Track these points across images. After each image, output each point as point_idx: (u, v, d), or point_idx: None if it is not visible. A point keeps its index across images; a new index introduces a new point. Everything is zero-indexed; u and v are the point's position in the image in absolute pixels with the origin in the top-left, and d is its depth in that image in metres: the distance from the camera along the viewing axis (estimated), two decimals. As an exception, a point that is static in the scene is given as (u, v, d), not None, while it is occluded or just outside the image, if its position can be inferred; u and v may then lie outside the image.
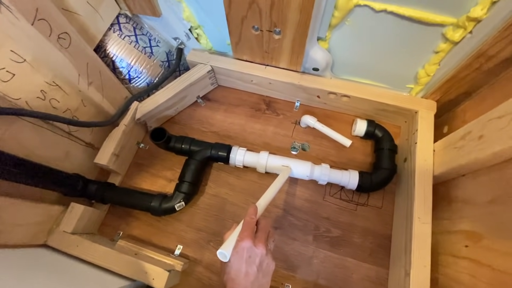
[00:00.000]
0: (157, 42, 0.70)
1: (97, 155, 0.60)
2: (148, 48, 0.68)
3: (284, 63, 0.65)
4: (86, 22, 0.54)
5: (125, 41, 0.65)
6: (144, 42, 0.68)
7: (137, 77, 0.68)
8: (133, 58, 0.66)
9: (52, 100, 0.50)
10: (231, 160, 0.62)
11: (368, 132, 0.65)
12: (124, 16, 0.65)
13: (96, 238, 0.58)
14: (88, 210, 0.57)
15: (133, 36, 0.66)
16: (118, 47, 0.64)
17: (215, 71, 0.70)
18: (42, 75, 0.47)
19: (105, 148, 0.61)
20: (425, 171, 0.55)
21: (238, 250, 0.37)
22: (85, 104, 0.58)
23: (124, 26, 0.65)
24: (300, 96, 0.70)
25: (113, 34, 0.63)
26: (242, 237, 0.38)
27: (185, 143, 0.63)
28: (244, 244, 0.37)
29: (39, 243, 0.52)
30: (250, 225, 0.40)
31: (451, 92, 0.58)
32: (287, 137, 0.69)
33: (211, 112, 0.73)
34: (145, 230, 0.62)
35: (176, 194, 0.59)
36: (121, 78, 0.67)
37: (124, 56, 0.65)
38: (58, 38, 0.45)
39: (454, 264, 0.47)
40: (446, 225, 0.52)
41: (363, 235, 0.59)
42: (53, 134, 0.53)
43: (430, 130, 0.59)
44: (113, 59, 0.65)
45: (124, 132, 0.62)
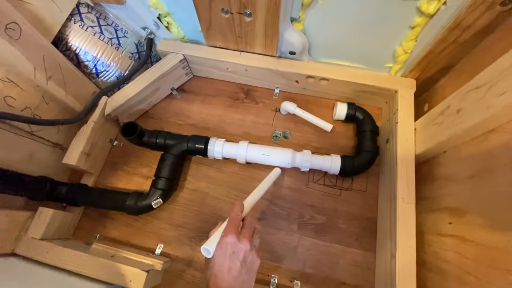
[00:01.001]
0: (124, 32, 0.66)
1: (65, 155, 0.57)
2: (114, 39, 0.64)
3: (259, 48, 0.62)
4: (39, 11, 0.50)
5: (88, 32, 0.61)
6: (110, 33, 0.64)
7: (105, 70, 0.64)
8: (98, 50, 0.62)
9: (7, 97, 0.46)
10: (209, 152, 0.59)
11: (349, 115, 0.63)
12: (85, 5, 0.61)
13: (69, 243, 0.55)
14: (59, 214, 0.54)
15: (97, 27, 0.62)
16: (80, 39, 0.60)
17: (188, 60, 0.67)
18: (-8, 70, 0.43)
19: (74, 147, 0.57)
20: (406, 150, 0.54)
21: (221, 246, 0.37)
22: (47, 101, 0.54)
23: (86, 16, 0.60)
24: (279, 82, 0.68)
25: (74, 25, 0.59)
26: (227, 232, 0.37)
27: (159, 137, 0.60)
28: (228, 240, 0.37)
29: (6, 252, 0.49)
30: (235, 221, 0.39)
31: (430, 69, 0.57)
32: (267, 125, 0.67)
33: (187, 104, 0.70)
34: (123, 231, 0.59)
35: (152, 191, 0.56)
36: (88, 72, 0.63)
37: (88, 48, 0.61)
38: (5, 29, 0.41)
39: (440, 243, 0.46)
40: (430, 203, 0.51)
41: (348, 220, 0.58)
42: (12, 134, 0.49)
43: (410, 109, 0.58)
44: (77, 52, 0.61)
45: (94, 129, 0.59)
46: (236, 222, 0.39)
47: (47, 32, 0.52)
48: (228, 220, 0.40)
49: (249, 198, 0.46)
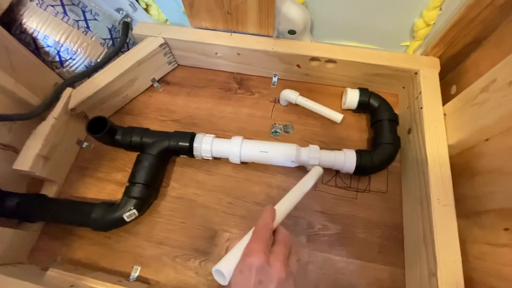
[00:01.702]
0: (94, 14, 0.57)
1: (17, 159, 0.46)
2: (82, 21, 0.54)
3: (253, 27, 0.53)
4: (-24, -22, 0.40)
5: (48, 12, 0.51)
6: (76, 14, 0.54)
7: (70, 58, 0.54)
8: (61, 34, 0.52)
9: None
10: (195, 150, 0.49)
11: (362, 102, 0.53)
12: (45, -20, 0.51)
13: (20, 270, 0.43)
14: (7, 233, 0.43)
15: (59, 6, 0.52)
16: (38, 20, 0.50)
17: (170, 45, 0.57)
18: None
19: (28, 150, 0.46)
20: (437, 140, 0.44)
21: (243, 269, 0.26)
22: (-9, 92, 0.43)
23: (45, -7, 0.51)
24: (277, 68, 0.58)
25: (31, 3, 0.49)
26: (251, 250, 0.27)
27: (135, 135, 0.49)
28: (253, 261, 0.26)
29: None
30: (263, 234, 0.28)
31: (457, 42, 0.48)
32: (265, 118, 0.57)
33: (170, 98, 0.60)
34: (91, 251, 0.47)
35: (124, 200, 0.45)
36: (49, 60, 0.53)
37: (48, 31, 0.51)
38: None
39: (492, 255, 0.36)
40: (472, 205, 0.41)
41: (368, 228, 0.48)
42: None
43: (436, 90, 0.48)
44: (34, 36, 0.51)
45: (54, 127, 0.48)
46: (265, 236, 0.28)
47: (-12, 6, 0.42)
48: (254, 231, 0.29)
49: (282, 203, 0.34)
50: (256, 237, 0.28)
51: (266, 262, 0.25)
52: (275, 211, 0.31)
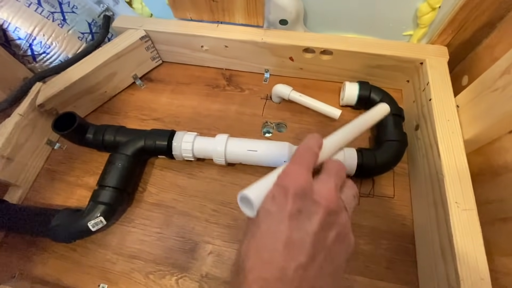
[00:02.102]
0: (72, 7, 0.53)
1: (-27, 160, 0.41)
2: (58, 14, 0.51)
3: (241, 16, 0.49)
4: None
5: (20, 2, 0.47)
6: (52, 5, 0.50)
7: (44, 52, 0.50)
8: (34, 26, 0.48)
9: None
10: (175, 150, 0.43)
11: (362, 97, 0.48)
12: (18, -30, 0.48)
13: (-35, 287, 0.37)
14: (-48, 245, 0.37)
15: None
16: (9, 11, 0.47)
17: (153, 38, 0.53)
18: None
19: (-14, 149, 0.41)
20: (451, 134, 0.38)
21: (276, 194, 0.20)
22: None
23: (17, -18, 0.47)
24: (268, 61, 0.53)
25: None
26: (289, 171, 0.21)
27: (108, 133, 0.44)
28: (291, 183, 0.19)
29: None
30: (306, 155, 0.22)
31: (467, 27, 0.43)
32: (256, 116, 0.52)
33: (153, 96, 0.55)
34: (53, 265, 0.41)
35: (91, 206, 0.39)
36: (20, 54, 0.49)
37: (20, 23, 0.47)
38: None
39: (529, 270, 0.29)
40: (497, 210, 0.35)
41: (373, 239, 0.41)
42: None
43: (445, 81, 0.43)
44: (4, 28, 0.47)
45: (19, 124, 0.43)
46: (309, 158, 0.22)
47: None
48: (293, 154, 0.23)
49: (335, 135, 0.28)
50: (297, 158, 0.22)
51: (309, 186, 0.19)
52: (321, 138, 0.25)
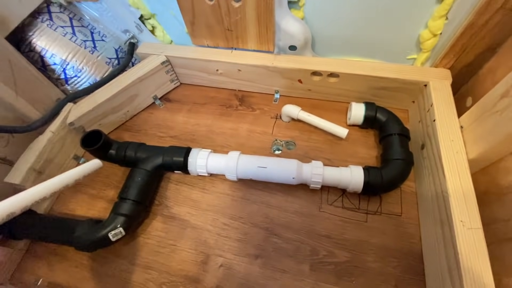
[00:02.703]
0: (102, 36, 0.59)
1: (10, 172, 0.45)
2: (89, 42, 0.57)
3: (253, 43, 0.53)
4: (-10, 0, 0.43)
5: (57, 32, 0.53)
6: (85, 35, 0.56)
7: (75, 76, 0.56)
8: (68, 53, 0.54)
9: None
10: (190, 166, 0.46)
11: (368, 117, 0.50)
12: (58, 5, 0.55)
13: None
14: (-13, 251, 0.40)
15: (68, 27, 0.55)
16: (48, 40, 0.53)
17: (173, 63, 0.58)
18: None
19: (21, 163, 0.45)
20: (455, 154, 0.39)
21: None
22: (-8, 105, 0.44)
23: (56, 16, 0.54)
24: (278, 83, 0.57)
25: (42, 25, 0.52)
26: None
27: (129, 150, 0.48)
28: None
29: None
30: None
31: (469, 52, 0.45)
32: (266, 134, 0.54)
33: (171, 114, 0.59)
34: (73, 274, 0.44)
35: (112, 217, 0.42)
36: (55, 77, 0.55)
37: (56, 50, 0.53)
38: None
39: (537, 291, 0.29)
40: (503, 229, 0.35)
41: (381, 256, 0.41)
42: None
43: (449, 102, 0.44)
44: (42, 54, 0.53)
45: (51, 141, 0.48)
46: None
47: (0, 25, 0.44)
48: None
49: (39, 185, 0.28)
50: None
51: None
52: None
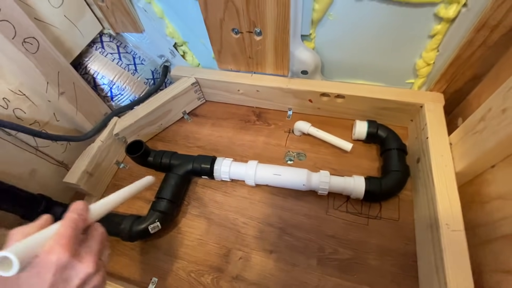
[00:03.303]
0: (141, 60, 0.69)
1: (67, 174, 0.54)
2: (131, 65, 0.67)
3: (270, 68, 0.61)
4: (62, 34, 0.53)
5: (107, 58, 0.64)
6: (128, 60, 0.67)
7: (119, 94, 0.66)
8: (115, 75, 0.65)
9: (17, 110, 0.47)
10: (215, 172, 0.55)
11: (370, 133, 0.57)
12: (108, 35, 0.66)
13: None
14: (50, 237, 0.49)
15: (116, 54, 0.65)
16: (99, 64, 0.63)
17: (200, 83, 0.67)
18: (6, 82, 0.44)
19: (77, 166, 0.55)
20: (444, 167, 0.46)
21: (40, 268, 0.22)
22: (57, 118, 0.54)
23: (107, 44, 0.65)
24: (291, 102, 0.65)
25: (95, 52, 0.63)
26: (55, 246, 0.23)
27: (165, 157, 0.57)
28: (55, 258, 0.22)
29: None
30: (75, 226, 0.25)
31: (458, 79, 0.52)
32: (280, 146, 0.62)
33: (197, 127, 0.68)
34: (116, 261, 0.52)
35: (150, 213, 0.50)
36: (103, 95, 0.65)
37: (105, 73, 0.64)
38: (23, 42, 0.44)
39: (506, 282, 0.35)
40: (484, 233, 0.41)
41: (380, 255, 0.47)
42: (15, 148, 0.48)
43: (441, 122, 0.51)
44: (94, 76, 0.63)
45: (100, 148, 0.57)
46: (77, 229, 0.25)
47: (67, 53, 0.55)
48: (64, 222, 0.25)
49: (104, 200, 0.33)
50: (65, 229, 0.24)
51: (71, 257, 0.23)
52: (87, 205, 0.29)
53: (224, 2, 0.50)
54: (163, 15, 0.62)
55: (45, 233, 0.24)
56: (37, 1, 0.48)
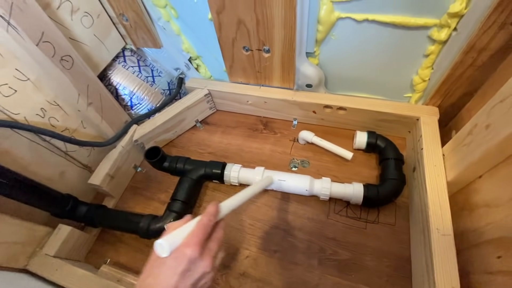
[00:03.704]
0: (159, 72, 0.75)
1: (91, 176, 0.60)
2: (150, 77, 0.73)
3: (277, 81, 0.67)
4: (91, 51, 0.60)
5: (128, 71, 0.70)
6: (147, 72, 0.73)
7: (138, 103, 0.72)
8: (135, 86, 0.71)
9: (52, 118, 0.53)
10: (225, 177, 0.59)
11: (370, 143, 0.61)
12: (130, 50, 0.72)
13: (79, 264, 0.54)
14: (76, 233, 0.55)
15: (136, 67, 0.71)
16: (121, 76, 0.69)
17: (212, 94, 0.73)
18: (44, 94, 0.51)
19: (100, 169, 0.60)
20: (436, 176, 0.49)
21: (177, 256, 0.29)
22: (84, 126, 0.60)
23: (129, 58, 0.71)
24: (296, 113, 0.70)
25: (118, 65, 0.69)
26: (190, 242, 0.30)
27: (179, 162, 0.62)
28: (189, 252, 0.29)
29: (18, 266, 0.49)
30: (205, 229, 0.32)
31: (452, 94, 0.56)
32: (285, 154, 0.67)
33: (208, 135, 0.73)
34: (133, 256, 0.57)
35: (166, 213, 0.55)
36: (124, 104, 0.71)
37: (126, 84, 0.70)
38: (61, 60, 0.50)
39: (490, 283, 0.38)
40: (472, 237, 0.44)
41: (376, 257, 0.51)
42: (49, 152, 0.54)
43: (435, 134, 0.55)
44: (117, 87, 0.69)
45: (121, 153, 0.63)
46: (206, 231, 0.32)
47: (94, 67, 0.61)
48: (198, 224, 0.32)
49: (228, 201, 0.38)
50: (199, 231, 0.31)
51: (199, 255, 0.29)
52: (219, 209, 0.35)
53: (237, 24, 0.56)
54: (180, 33, 0.68)
55: (185, 229, 0.32)
56: (72, 23, 0.54)
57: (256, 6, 0.51)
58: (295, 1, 0.48)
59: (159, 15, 0.64)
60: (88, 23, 0.58)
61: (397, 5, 0.47)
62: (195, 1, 0.57)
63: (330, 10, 0.51)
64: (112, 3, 0.61)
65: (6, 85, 0.44)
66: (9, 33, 0.41)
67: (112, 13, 0.63)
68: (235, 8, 0.52)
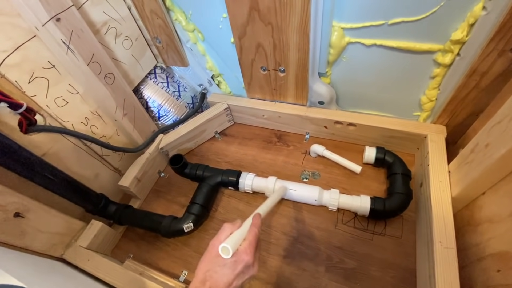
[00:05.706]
0: (184, 88, 0.83)
1: (121, 178, 0.67)
2: (176, 92, 0.81)
3: (291, 98, 0.72)
4: (129, 69, 0.68)
5: (158, 86, 0.78)
6: (174, 87, 0.81)
7: (165, 115, 0.79)
8: (163, 100, 0.79)
9: (93, 126, 0.61)
10: (240, 184, 0.64)
11: (378, 158, 0.64)
12: (160, 68, 0.81)
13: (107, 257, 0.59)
14: (105, 229, 0.61)
15: (165, 83, 0.80)
16: (152, 91, 0.78)
17: (231, 108, 0.79)
18: (88, 105, 0.59)
19: (129, 173, 0.67)
20: (441, 191, 0.52)
21: (238, 260, 0.36)
22: (118, 134, 0.68)
23: (159, 75, 0.79)
24: (309, 127, 0.74)
25: (150, 81, 0.78)
26: (248, 251, 0.37)
27: (199, 169, 0.68)
28: (247, 259, 0.36)
29: (56, 255, 0.55)
30: (257, 239, 0.39)
31: (458, 114, 0.58)
32: (297, 165, 0.71)
33: (226, 145, 0.79)
34: (154, 254, 0.62)
35: (186, 215, 0.61)
36: (152, 116, 0.79)
37: (156, 98, 0.78)
38: (105, 77, 0.58)
39: (490, 296, 0.40)
40: (476, 252, 0.46)
41: (382, 267, 0.53)
42: (88, 155, 0.62)
43: (441, 151, 0.57)
44: (147, 100, 0.78)
45: (148, 159, 0.70)
46: (256, 241, 0.39)
47: (130, 83, 0.69)
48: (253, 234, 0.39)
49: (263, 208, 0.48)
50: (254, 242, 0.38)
51: (252, 263, 0.37)
52: (261, 219, 0.43)
53: (256, 47, 0.62)
54: (205, 53, 0.76)
55: (240, 233, 0.39)
56: (115, 46, 0.63)
57: (274, 33, 0.57)
58: (308, 28, 0.54)
59: (187, 38, 0.72)
60: (128, 45, 0.67)
61: (403, 32, 0.52)
62: (220, 27, 0.65)
63: (341, 35, 0.57)
64: (148, 27, 0.70)
65: (61, 97, 0.53)
66: (68, 55, 0.50)
67: (147, 36, 0.72)
68: (255, 34, 0.59)
